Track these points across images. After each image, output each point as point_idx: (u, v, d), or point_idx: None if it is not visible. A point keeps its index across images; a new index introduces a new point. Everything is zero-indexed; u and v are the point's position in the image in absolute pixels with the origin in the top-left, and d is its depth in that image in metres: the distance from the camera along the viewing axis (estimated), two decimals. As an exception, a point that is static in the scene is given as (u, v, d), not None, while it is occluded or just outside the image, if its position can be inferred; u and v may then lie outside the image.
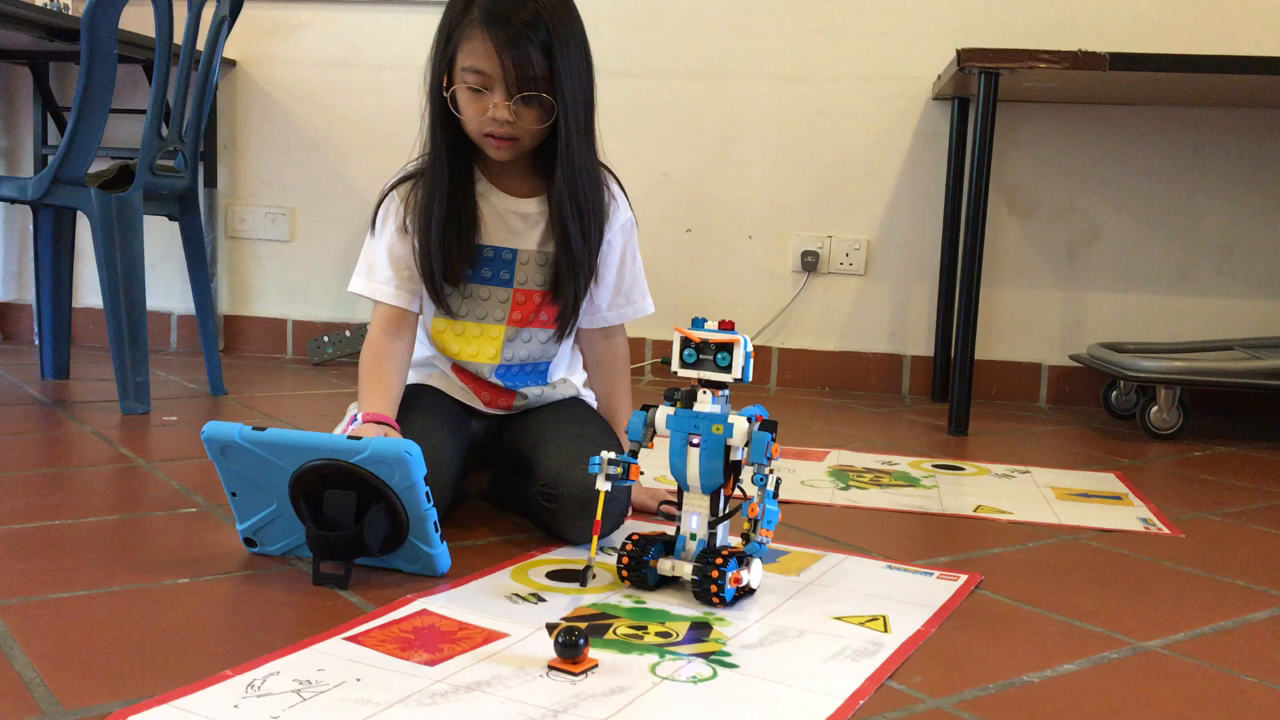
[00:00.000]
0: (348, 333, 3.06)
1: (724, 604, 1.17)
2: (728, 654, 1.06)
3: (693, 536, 1.22)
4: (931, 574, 1.36)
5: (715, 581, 1.15)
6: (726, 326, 1.19)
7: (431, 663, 1.01)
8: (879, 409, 2.73)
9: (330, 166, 3.13)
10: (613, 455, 1.22)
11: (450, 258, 1.45)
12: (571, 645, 0.99)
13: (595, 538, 1.22)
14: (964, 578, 1.34)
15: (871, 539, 1.52)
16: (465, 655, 1.03)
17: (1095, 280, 2.88)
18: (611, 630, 1.10)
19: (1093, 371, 2.70)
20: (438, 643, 1.05)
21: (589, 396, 1.64)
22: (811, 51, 2.91)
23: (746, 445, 1.19)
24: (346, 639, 1.06)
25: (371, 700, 0.92)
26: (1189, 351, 2.66)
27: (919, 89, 2.88)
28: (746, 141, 2.97)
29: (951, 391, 2.41)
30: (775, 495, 1.19)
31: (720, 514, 1.23)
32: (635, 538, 1.22)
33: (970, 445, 2.29)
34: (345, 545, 1.19)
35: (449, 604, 1.16)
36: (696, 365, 1.20)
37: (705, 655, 1.05)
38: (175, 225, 2.49)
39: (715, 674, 1.01)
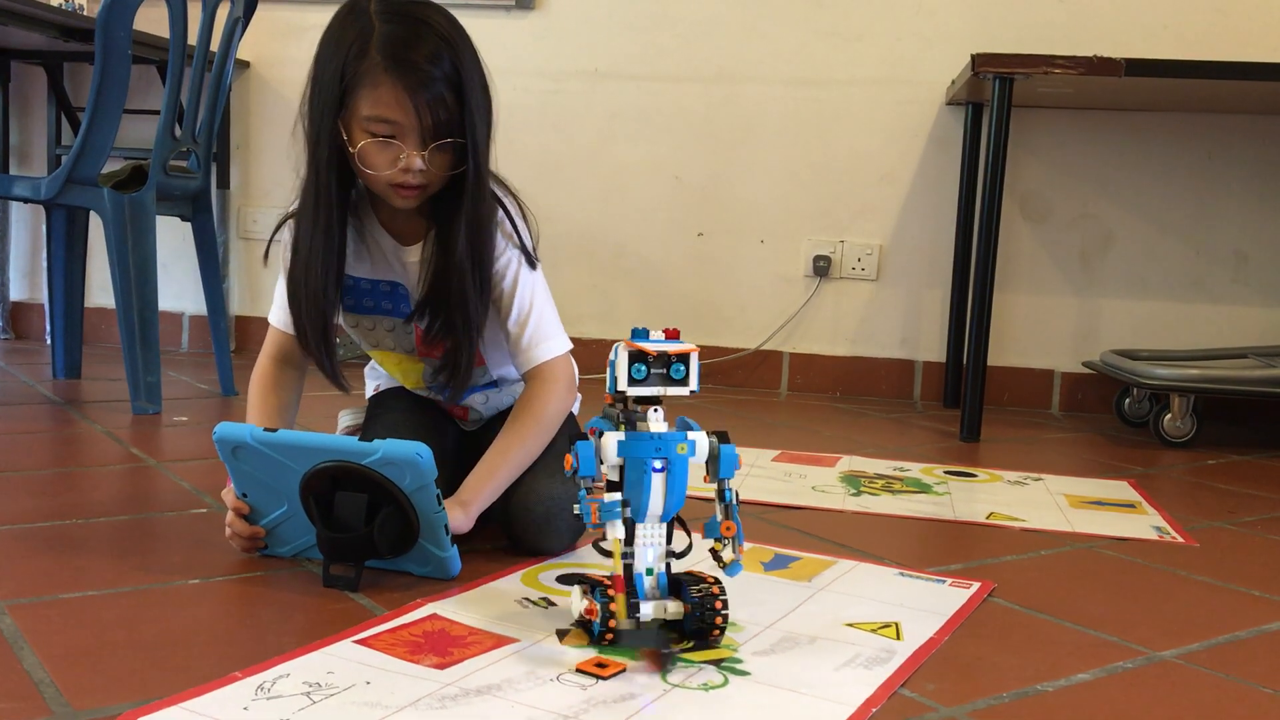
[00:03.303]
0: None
1: (722, 634, 1.08)
2: (739, 660, 1.05)
3: (649, 572, 1.09)
4: (944, 581, 1.35)
5: (720, 614, 1.07)
6: (672, 335, 1.08)
7: (441, 666, 1.00)
8: (891, 415, 2.72)
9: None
10: (578, 510, 1.07)
11: (317, 290, 1.34)
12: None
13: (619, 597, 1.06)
14: (976, 585, 1.33)
15: (883, 545, 1.51)
16: (475, 659, 1.02)
17: (1109, 287, 2.86)
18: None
19: (1105, 378, 2.69)
20: (448, 646, 1.05)
21: None
22: (825, 55, 2.91)
23: (709, 461, 1.09)
24: (356, 642, 1.05)
25: (381, 704, 0.92)
26: (1203, 359, 2.65)
27: (933, 94, 2.87)
28: (759, 145, 2.96)
29: (963, 398, 2.40)
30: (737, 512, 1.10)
31: (668, 542, 1.10)
32: (589, 594, 1.08)
33: (982, 451, 2.28)
34: (356, 547, 1.19)
35: (459, 608, 1.16)
36: (646, 381, 1.07)
37: (717, 662, 1.05)
38: (188, 226, 2.50)
39: (726, 681, 1.00)
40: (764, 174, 2.97)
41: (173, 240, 3.06)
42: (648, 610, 1.07)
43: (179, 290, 3.19)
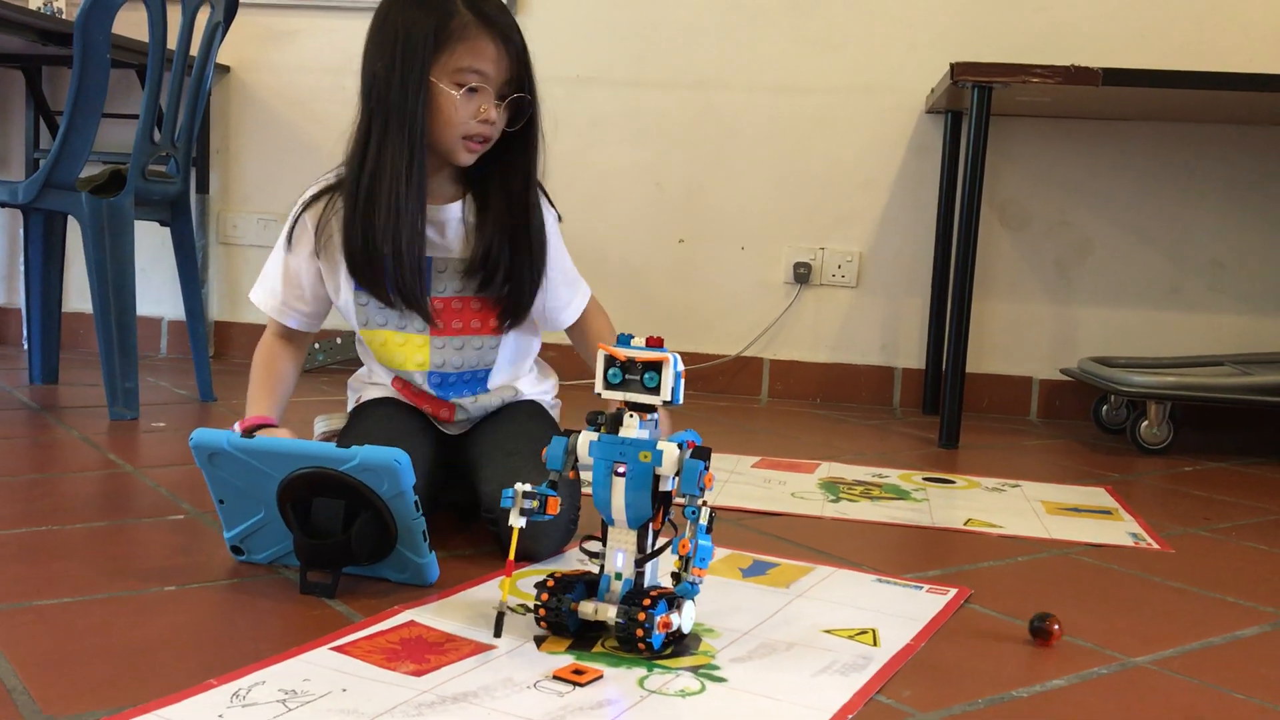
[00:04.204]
0: (339, 340, 3.05)
1: (650, 650, 1.05)
2: (717, 667, 1.05)
3: (618, 576, 1.10)
4: (921, 588, 1.35)
5: (642, 625, 1.04)
6: (655, 343, 1.08)
7: (418, 673, 1.00)
8: (870, 421, 2.73)
9: (323, 173, 3.12)
10: (528, 487, 1.09)
11: (405, 270, 1.41)
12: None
13: (507, 580, 1.10)
14: (953, 591, 1.34)
15: (861, 552, 1.52)
16: (452, 666, 1.02)
17: (1087, 294, 2.88)
18: (600, 643, 1.09)
19: (1083, 386, 2.71)
20: (425, 653, 1.05)
21: (544, 397, 1.62)
22: (806, 63, 2.92)
23: (677, 474, 1.08)
24: (333, 649, 1.05)
25: (357, 711, 0.92)
26: (1179, 367, 2.66)
27: (913, 102, 2.88)
28: (740, 152, 2.97)
29: (942, 404, 2.41)
30: (709, 530, 1.08)
31: (648, 551, 1.11)
32: (556, 576, 1.11)
33: (961, 458, 2.29)
34: (333, 553, 1.19)
35: (437, 615, 1.16)
36: (622, 386, 1.08)
37: (694, 669, 1.05)
38: (167, 230, 2.48)
39: (703, 688, 1.01)
40: (745, 181, 2.97)
41: (152, 245, 3.05)
42: (587, 610, 1.09)
43: (158, 295, 3.18)
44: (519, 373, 1.59)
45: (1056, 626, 1.17)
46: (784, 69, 2.93)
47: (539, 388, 1.62)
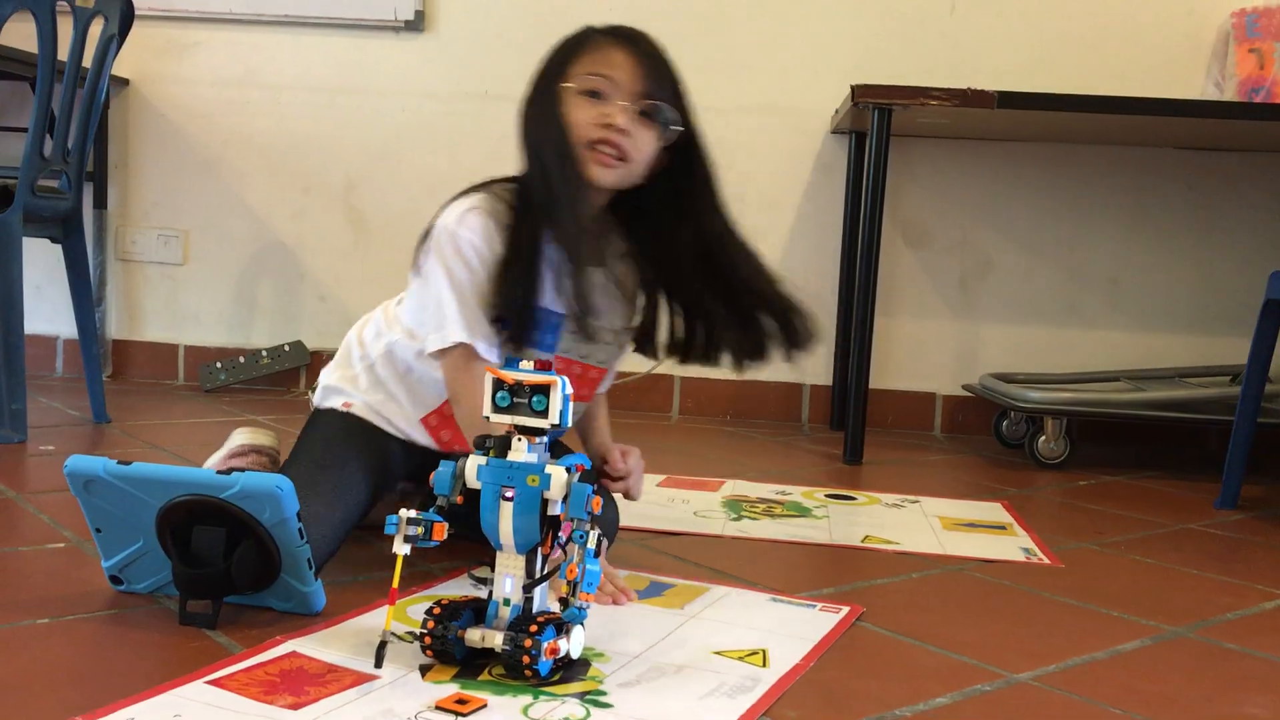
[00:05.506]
0: (241, 359, 2.99)
1: (538, 677, 1.04)
2: (604, 693, 1.05)
3: (506, 602, 1.08)
4: (814, 606, 1.36)
5: (529, 653, 1.03)
6: (543, 367, 1.07)
7: (295, 706, 0.98)
8: (778, 438, 2.75)
9: (226, 188, 3.07)
10: (413, 514, 1.06)
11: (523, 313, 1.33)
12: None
13: (391, 609, 1.08)
14: (846, 610, 1.35)
15: (759, 570, 1.53)
16: (332, 698, 1.00)
17: (988, 312, 2.94)
18: (486, 670, 1.08)
19: (985, 401, 2.76)
20: (304, 685, 1.02)
21: None
22: (713, 83, 2.93)
23: (566, 498, 1.07)
24: (208, 682, 1.02)
25: (228, 747, 0.89)
26: (1076, 382, 2.73)
27: (818, 122, 2.92)
28: (649, 170, 2.97)
29: (847, 421, 2.43)
30: (597, 554, 1.08)
31: (536, 576, 1.10)
32: (443, 603, 1.09)
33: (864, 474, 2.31)
34: (212, 583, 1.16)
35: (320, 645, 1.13)
36: (510, 410, 1.07)
37: (580, 695, 1.04)
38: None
39: (588, 714, 1.00)
40: (654, 199, 2.98)
41: (46, 261, 2.95)
42: (474, 637, 1.07)
43: (53, 313, 3.08)
44: None
45: None
46: (692, 89, 2.93)
47: None
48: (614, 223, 1.46)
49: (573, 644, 1.08)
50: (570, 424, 1.09)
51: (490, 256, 1.33)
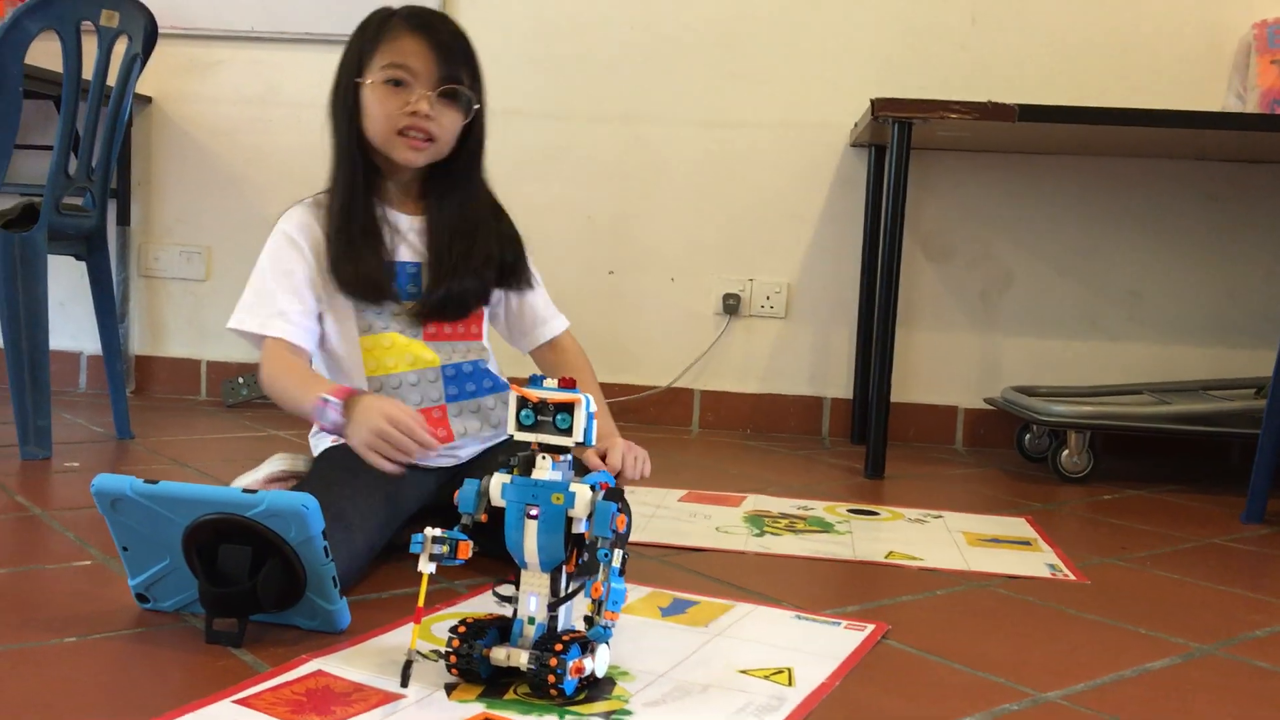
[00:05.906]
0: (264, 374, 3.00)
1: (563, 696, 1.04)
2: (629, 712, 1.04)
3: (531, 620, 1.08)
4: (839, 624, 1.36)
5: (554, 671, 1.02)
6: (567, 384, 1.08)
7: (322, 726, 0.98)
8: (798, 452, 2.74)
9: (247, 205, 3.09)
10: (438, 532, 1.07)
11: (371, 276, 1.48)
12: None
13: (416, 627, 1.07)
14: (871, 627, 1.34)
15: (783, 588, 1.52)
16: (358, 718, 1.00)
17: (1009, 324, 2.93)
18: (511, 689, 1.08)
19: (1007, 415, 2.75)
20: (330, 705, 1.03)
21: None
22: (733, 97, 2.94)
23: (590, 517, 1.07)
24: (235, 701, 1.02)
25: (256, 768, 0.89)
26: (1099, 396, 2.72)
27: (838, 135, 2.92)
28: (669, 185, 2.98)
29: (868, 435, 2.43)
30: (622, 572, 1.07)
31: (561, 594, 1.09)
32: (468, 622, 1.08)
33: (886, 489, 2.30)
34: (239, 601, 1.16)
35: (345, 663, 1.13)
36: (535, 428, 1.08)
37: (606, 714, 1.04)
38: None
39: (614, 734, 0.99)
40: (674, 213, 2.99)
41: (71, 278, 2.98)
42: (499, 655, 1.07)
43: (77, 329, 3.10)
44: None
45: None
46: (712, 103, 2.95)
47: None
48: (421, 180, 1.58)
49: (598, 663, 1.07)
50: (594, 442, 1.10)
51: (314, 237, 1.51)
